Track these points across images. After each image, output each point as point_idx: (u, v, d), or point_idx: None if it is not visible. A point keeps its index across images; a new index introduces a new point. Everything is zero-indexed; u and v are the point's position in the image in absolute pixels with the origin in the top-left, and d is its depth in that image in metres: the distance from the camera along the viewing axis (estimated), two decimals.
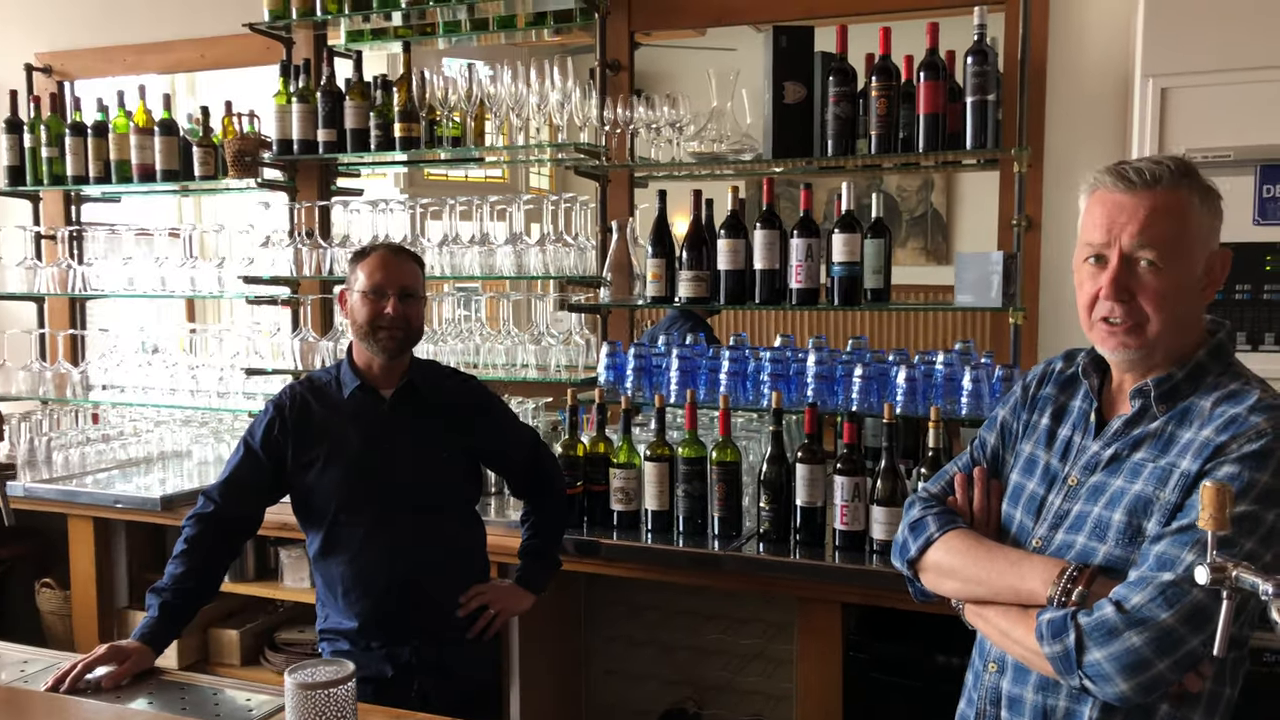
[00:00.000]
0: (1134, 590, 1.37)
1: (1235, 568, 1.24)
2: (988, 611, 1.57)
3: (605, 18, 3.26)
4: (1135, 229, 1.45)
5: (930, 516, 1.67)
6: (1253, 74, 2.29)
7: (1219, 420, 1.43)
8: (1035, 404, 1.70)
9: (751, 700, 3.07)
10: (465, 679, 2.40)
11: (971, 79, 2.64)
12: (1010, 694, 1.58)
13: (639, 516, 2.80)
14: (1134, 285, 1.46)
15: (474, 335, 3.31)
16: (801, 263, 2.76)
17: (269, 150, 3.54)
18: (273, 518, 2.49)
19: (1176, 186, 1.46)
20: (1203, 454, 1.41)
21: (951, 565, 1.62)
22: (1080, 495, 1.55)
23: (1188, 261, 1.46)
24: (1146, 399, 1.52)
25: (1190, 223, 1.46)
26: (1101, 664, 1.37)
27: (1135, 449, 1.51)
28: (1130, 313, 1.47)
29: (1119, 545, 1.46)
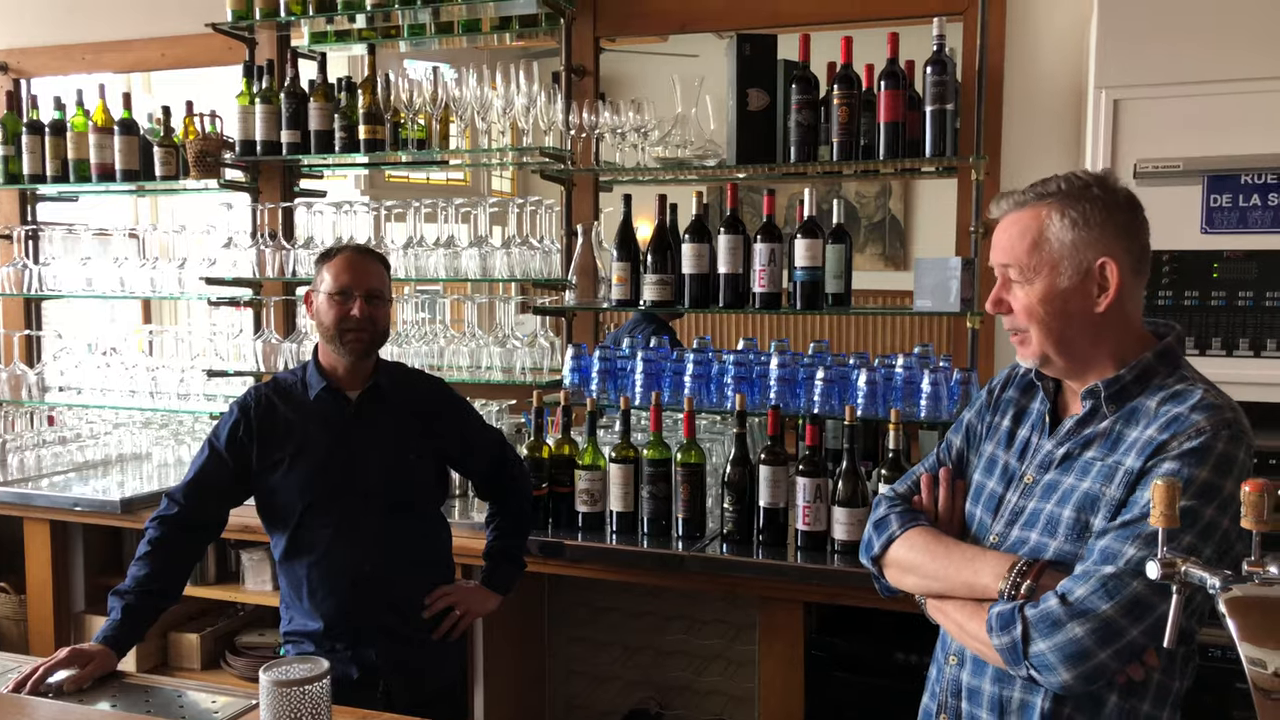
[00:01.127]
0: (1077, 583, 1.44)
1: (1185, 563, 1.29)
2: (947, 606, 1.63)
3: (570, 23, 3.28)
4: (1001, 249, 1.59)
5: (894, 514, 1.74)
6: (1200, 87, 2.36)
7: (1162, 419, 1.49)
8: (999, 406, 1.77)
9: (714, 700, 3.10)
10: (430, 680, 2.41)
11: (931, 88, 2.69)
12: (969, 686, 1.64)
13: (604, 518, 2.82)
14: (1009, 298, 1.58)
15: (438, 338, 3.31)
16: (764, 267, 2.80)
17: (231, 151, 3.52)
18: (234, 520, 2.47)
19: (1037, 205, 1.56)
20: (1145, 451, 1.47)
21: (912, 561, 1.68)
22: (1035, 493, 1.61)
23: (1051, 273, 1.54)
24: (1097, 399, 1.57)
25: (1047, 237, 1.54)
26: (1046, 654, 1.43)
27: (1086, 448, 1.57)
28: (1015, 324, 1.59)
29: (1068, 540, 1.52)
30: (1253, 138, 2.33)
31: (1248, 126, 2.33)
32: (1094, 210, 1.53)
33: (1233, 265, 2.37)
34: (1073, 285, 1.53)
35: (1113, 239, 1.53)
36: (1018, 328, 1.59)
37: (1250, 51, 2.32)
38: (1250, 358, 2.36)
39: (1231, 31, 2.33)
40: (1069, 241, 1.53)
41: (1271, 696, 1.08)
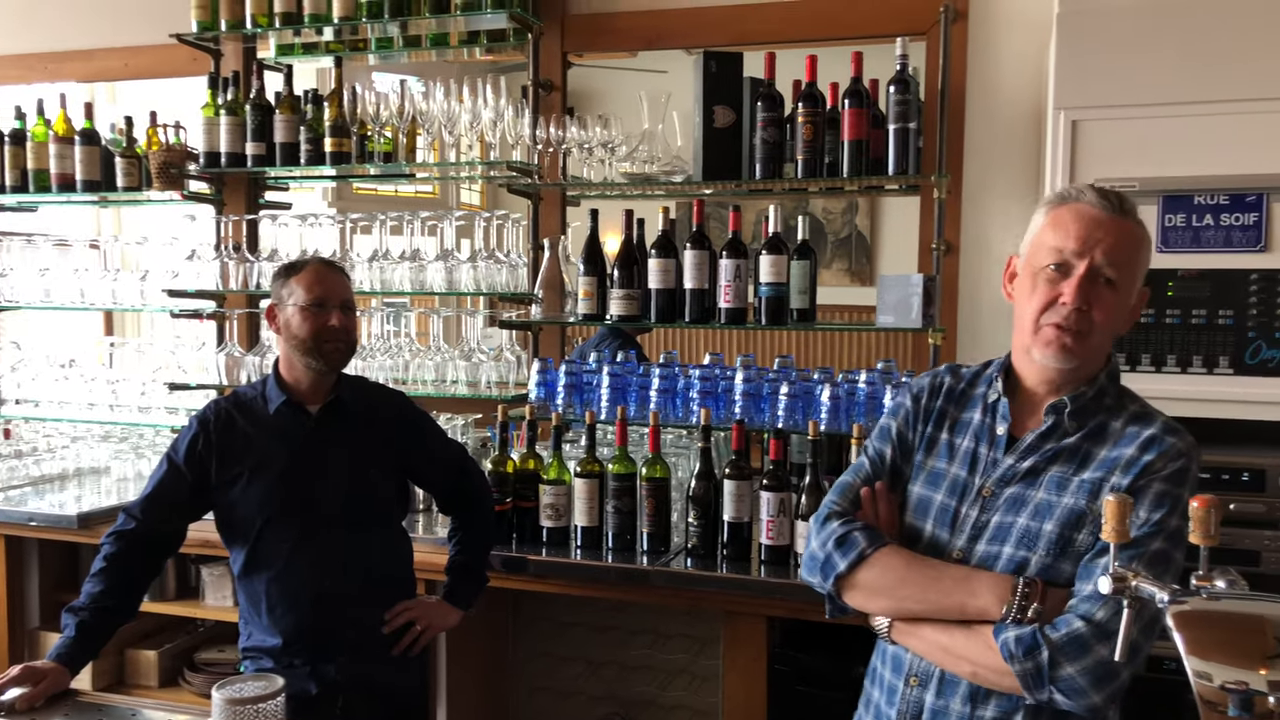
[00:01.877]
0: (1095, 605, 1.45)
1: (1135, 578, 1.31)
2: (923, 629, 1.60)
3: (538, 38, 3.30)
4: (1109, 245, 1.54)
5: (858, 532, 1.66)
6: (1156, 110, 2.40)
7: (1137, 441, 1.55)
8: (929, 417, 1.74)
9: (678, 715, 3.10)
10: (391, 696, 2.39)
11: (894, 107, 2.72)
12: (934, 707, 1.61)
13: (568, 533, 2.82)
14: (1093, 297, 1.54)
15: (403, 351, 3.30)
16: (730, 283, 2.81)
17: (196, 163, 3.49)
18: (194, 535, 2.45)
19: (1138, 221, 1.59)
20: (1132, 471, 1.52)
21: (887, 583, 1.62)
22: (998, 506, 1.60)
23: (1131, 288, 1.58)
24: (1060, 415, 1.59)
25: (1141, 255, 1.59)
26: (1075, 678, 1.44)
27: (1052, 462, 1.59)
28: (1081, 321, 1.54)
29: (1050, 555, 1.53)
30: (1206, 159, 2.37)
31: (1201, 148, 2.38)
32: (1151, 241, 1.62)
33: (1187, 284, 2.41)
34: (1132, 303, 1.60)
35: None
36: (1084, 329, 1.55)
37: (1204, 76, 2.36)
38: (1203, 374, 2.40)
39: (1186, 56, 2.38)
40: (1146, 263, 1.60)
41: (1217, 709, 1.10)
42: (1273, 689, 1.09)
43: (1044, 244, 1.59)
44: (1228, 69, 2.35)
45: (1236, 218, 2.37)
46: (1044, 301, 1.57)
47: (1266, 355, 2.37)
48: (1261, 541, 2.33)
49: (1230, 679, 1.10)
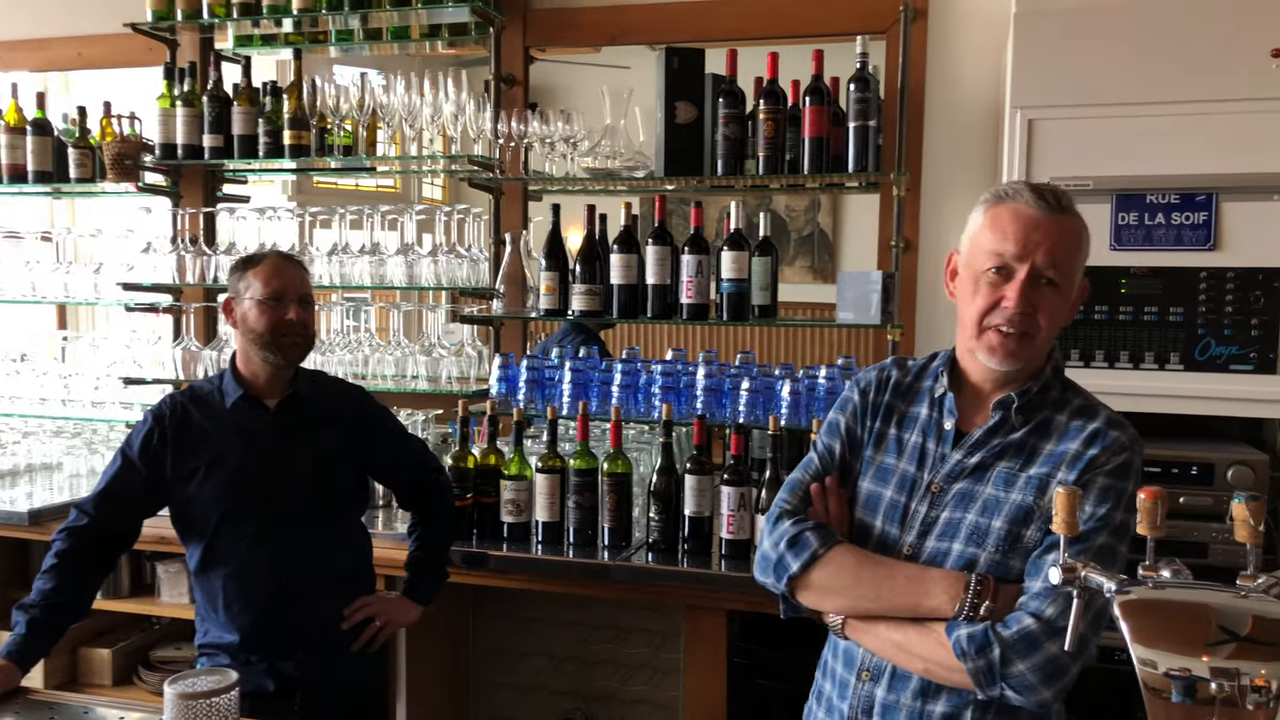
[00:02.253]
0: (1045, 602, 1.47)
1: (1084, 568, 1.33)
2: (877, 627, 1.61)
3: (500, 32, 3.28)
4: (1049, 247, 1.53)
5: (809, 533, 1.66)
6: (1110, 109, 2.44)
7: (1082, 435, 1.56)
8: (876, 411, 1.74)
9: (639, 709, 3.11)
10: (350, 693, 2.38)
11: (854, 105, 2.75)
12: (884, 701, 1.62)
13: (529, 528, 2.81)
14: (1036, 299, 1.54)
15: (363, 346, 3.27)
16: (692, 279, 2.82)
17: (151, 154, 3.45)
18: (149, 531, 2.42)
19: (1076, 216, 1.58)
20: (1078, 465, 1.54)
21: (841, 582, 1.63)
22: (946, 502, 1.61)
23: (1072, 285, 1.58)
24: (1007, 410, 1.60)
25: (1081, 251, 1.58)
26: (1026, 674, 1.46)
27: (999, 458, 1.60)
28: (1025, 323, 1.54)
29: (999, 551, 1.55)
30: (1158, 159, 2.42)
31: (1153, 148, 2.42)
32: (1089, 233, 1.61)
33: (1139, 281, 2.45)
34: (1074, 297, 1.60)
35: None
36: (1029, 330, 1.55)
37: (1157, 77, 2.41)
38: (1155, 371, 2.44)
39: (1140, 58, 2.42)
40: (1085, 256, 1.60)
41: (1161, 695, 1.12)
42: (1215, 675, 1.12)
43: (983, 246, 1.58)
44: (1180, 71, 2.39)
45: (1187, 217, 2.41)
46: (986, 304, 1.57)
47: (1215, 351, 2.42)
48: (1209, 534, 2.38)
49: (1174, 665, 1.13)
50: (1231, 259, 2.39)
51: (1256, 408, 2.42)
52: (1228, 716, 1.11)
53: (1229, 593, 1.19)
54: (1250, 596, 1.17)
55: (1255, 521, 1.22)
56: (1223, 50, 2.37)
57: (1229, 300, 2.39)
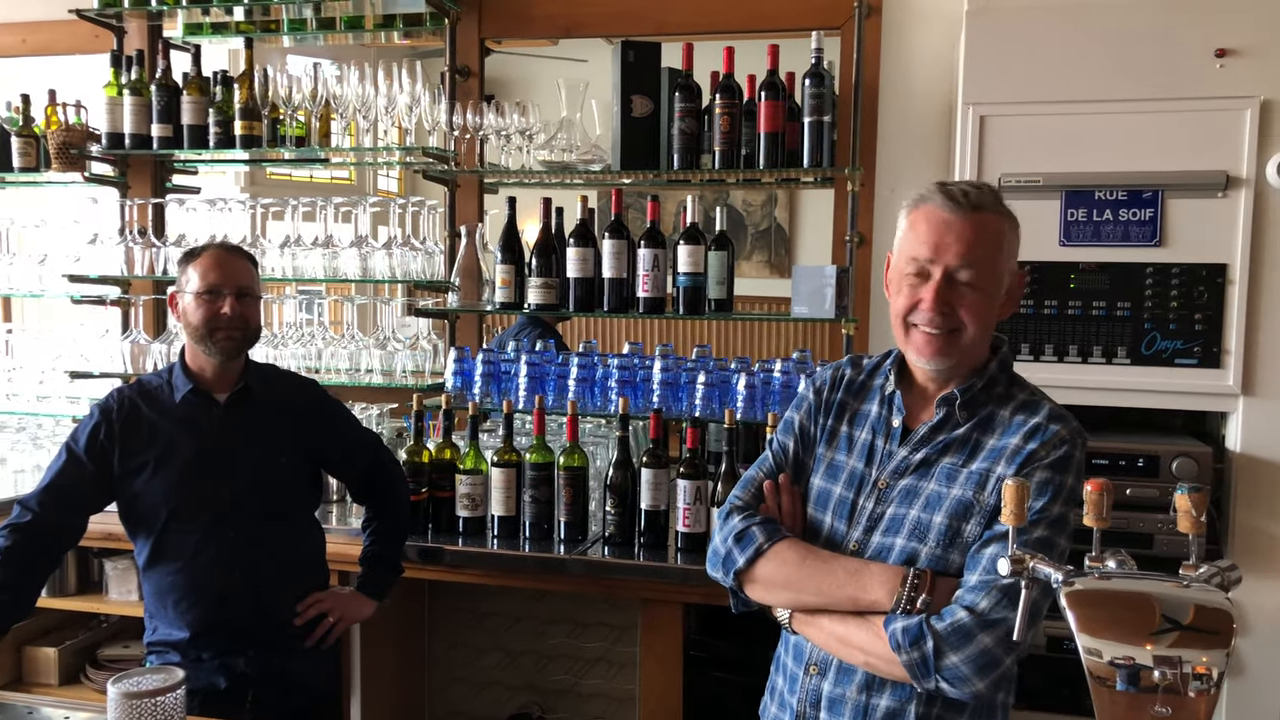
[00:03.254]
0: (979, 595, 1.49)
1: (1033, 559, 1.35)
2: (821, 620, 1.62)
3: (455, 24, 3.26)
4: (961, 249, 1.55)
5: (755, 527, 1.68)
6: (1059, 107, 2.48)
7: (1023, 429, 1.57)
8: (829, 409, 1.76)
9: (595, 703, 3.11)
10: (303, 689, 2.36)
11: (809, 100, 2.76)
12: (831, 695, 1.64)
13: (485, 522, 2.80)
14: (954, 299, 1.56)
15: (316, 339, 3.23)
16: (648, 272, 2.82)
17: (98, 143, 3.38)
18: (97, 527, 2.38)
19: (995, 212, 1.58)
20: (1016, 460, 1.55)
21: (785, 577, 1.64)
22: (892, 498, 1.63)
23: (997, 280, 1.59)
24: (950, 406, 1.62)
25: (1003, 246, 1.58)
26: (959, 666, 1.47)
27: (943, 454, 1.62)
28: (947, 324, 1.57)
29: (940, 546, 1.56)
30: (1105, 156, 2.46)
31: (1101, 145, 2.46)
32: (1017, 224, 1.63)
33: (1088, 276, 2.49)
34: (1002, 294, 1.61)
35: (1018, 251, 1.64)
36: (955, 328, 1.57)
37: (1104, 75, 2.45)
38: (1103, 364, 2.49)
39: (1088, 56, 2.46)
40: (1012, 253, 1.61)
41: (1106, 684, 1.14)
42: (1158, 663, 1.14)
43: (903, 249, 1.62)
44: (1127, 70, 2.43)
45: (1134, 213, 2.45)
46: (906, 305, 1.60)
47: (1161, 346, 2.46)
48: (1155, 525, 2.43)
49: (1118, 654, 1.15)
50: (1177, 255, 2.44)
51: (1200, 401, 2.48)
52: (1170, 704, 1.14)
53: (1172, 582, 1.21)
54: (1192, 586, 1.20)
55: (1197, 512, 1.25)
56: (1168, 50, 2.41)
57: (1174, 295, 2.44)
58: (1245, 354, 2.42)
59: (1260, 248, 2.41)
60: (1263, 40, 2.36)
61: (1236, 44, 2.37)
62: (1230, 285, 2.41)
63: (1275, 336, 2.41)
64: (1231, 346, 2.42)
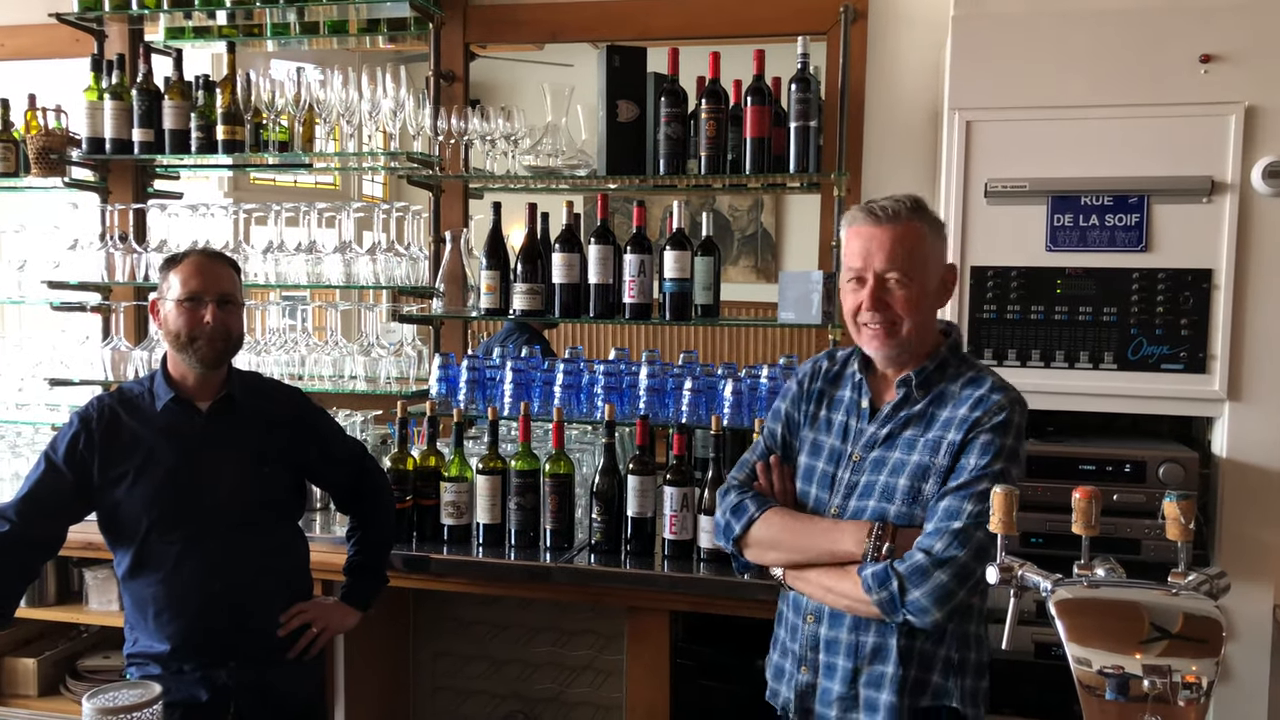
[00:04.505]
0: (934, 539, 1.73)
1: (1021, 567, 1.35)
2: (809, 574, 1.88)
3: (440, 28, 3.24)
4: (884, 255, 1.82)
5: (748, 499, 1.97)
6: (1046, 112, 2.48)
7: (969, 400, 1.82)
8: (810, 396, 2.02)
9: (581, 711, 3.09)
10: (287, 700, 2.33)
11: (795, 105, 2.75)
12: (826, 638, 1.89)
13: (470, 530, 2.78)
14: (887, 298, 1.82)
15: (299, 346, 3.21)
16: (634, 278, 2.81)
17: (78, 148, 3.34)
18: (77, 537, 2.35)
19: (911, 219, 1.83)
20: (963, 427, 1.79)
21: (773, 538, 1.92)
22: (865, 468, 1.88)
23: (924, 276, 1.84)
24: (909, 387, 1.88)
25: (922, 246, 1.84)
26: (920, 599, 1.71)
27: (905, 427, 1.87)
28: (886, 319, 1.83)
29: (905, 504, 1.81)
30: (1091, 161, 2.45)
31: (1087, 151, 2.46)
32: (940, 227, 1.91)
33: (1074, 282, 2.49)
34: (935, 288, 1.87)
35: (946, 251, 1.93)
36: (893, 320, 1.82)
37: (1090, 81, 2.44)
38: (1090, 370, 2.48)
39: (1074, 62, 2.45)
40: (935, 252, 1.87)
41: (1095, 692, 1.13)
42: (1147, 672, 1.13)
43: (844, 261, 1.90)
44: (1113, 76, 2.43)
45: (1120, 218, 2.45)
46: (852, 307, 1.87)
47: (1148, 351, 2.46)
48: (1142, 530, 2.42)
49: (1108, 663, 1.14)
50: (1162, 260, 2.44)
51: (1186, 406, 2.47)
52: (1160, 712, 1.13)
53: (1160, 590, 1.20)
54: (1181, 594, 1.19)
55: (1186, 519, 1.24)
56: (1154, 56, 2.41)
57: (1160, 301, 2.44)
58: (1231, 359, 2.42)
59: (1245, 253, 2.41)
60: (1247, 46, 2.36)
61: (1221, 50, 2.37)
62: (1216, 290, 2.41)
63: (1261, 341, 2.42)
64: (1217, 352, 2.42)
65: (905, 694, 1.80)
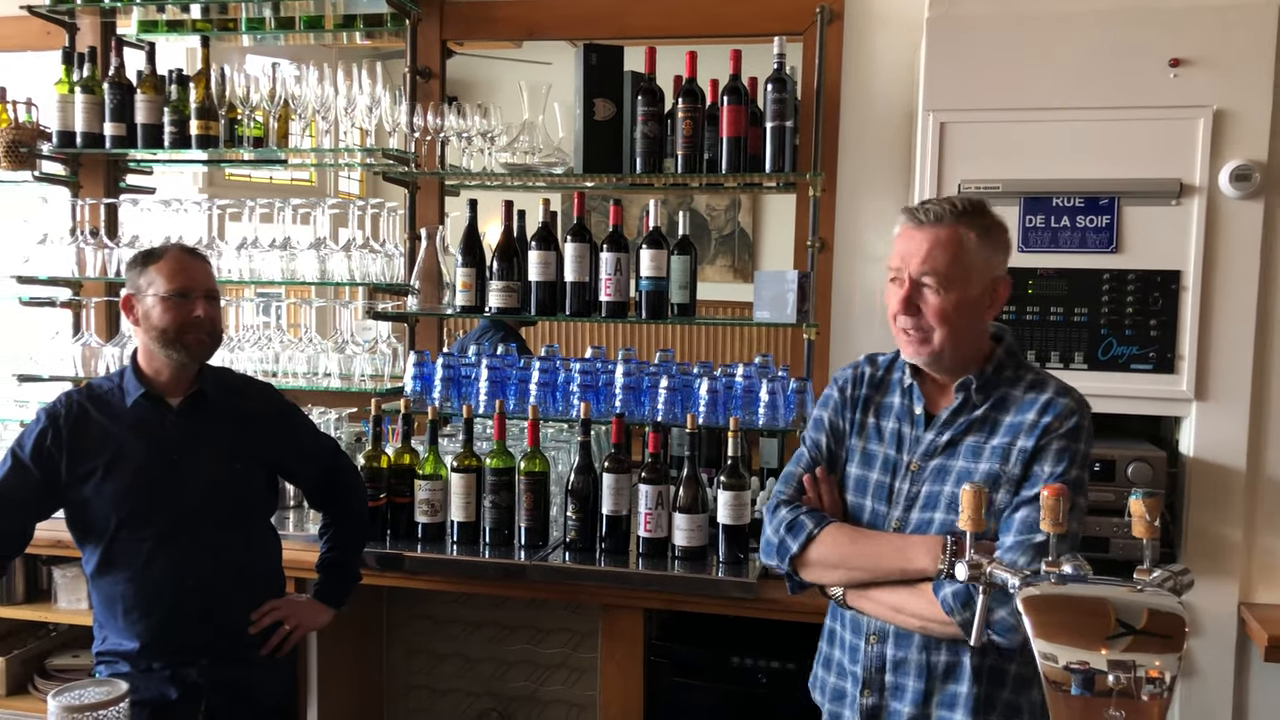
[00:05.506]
0: (1016, 553, 1.65)
1: (989, 564, 1.36)
2: (874, 593, 1.79)
3: (416, 25, 3.23)
4: (920, 258, 1.74)
5: (804, 516, 1.86)
6: (1018, 114, 2.50)
7: (1037, 405, 1.75)
8: (855, 404, 1.93)
9: (556, 709, 3.09)
10: (258, 698, 2.32)
11: (771, 105, 2.76)
12: (895, 658, 1.80)
13: (445, 528, 2.77)
14: (920, 303, 1.75)
15: (273, 342, 3.19)
16: (611, 276, 2.81)
17: (49, 142, 3.31)
18: (45, 535, 2.33)
19: (955, 223, 1.74)
20: (1035, 433, 1.72)
21: (837, 556, 1.82)
22: (925, 478, 1.80)
23: (963, 284, 1.74)
24: (968, 391, 1.80)
25: (961, 253, 1.74)
26: (1006, 618, 1.62)
27: (966, 433, 1.79)
28: (919, 325, 1.76)
29: None
30: (1063, 163, 2.48)
31: (1059, 152, 2.48)
32: (995, 233, 1.78)
33: (1046, 282, 2.51)
34: (977, 296, 1.76)
35: (1003, 259, 1.80)
36: (922, 328, 1.75)
37: (1062, 83, 2.47)
38: (1060, 369, 2.50)
39: (1046, 65, 2.48)
40: (981, 259, 1.75)
41: (1062, 688, 1.15)
42: (1112, 667, 1.15)
43: (889, 262, 1.82)
44: (1084, 78, 2.46)
45: (1091, 220, 2.48)
46: (891, 309, 1.80)
47: (1117, 351, 2.49)
48: (1111, 529, 2.45)
49: (1074, 659, 1.15)
50: (1132, 261, 2.47)
51: (1155, 405, 2.51)
52: (1124, 707, 1.14)
53: (1125, 587, 1.22)
54: (1145, 591, 1.20)
55: (1151, 517, 1.26)
56: (1124, 60, 2.44)
57: (1130, 301, 2.47)
58: (1198, 359, 2.45)
59: (1213, 254, 2.44)
60: (1216, 51, 2.39)
61: (1190, 54, 2.40)
62: (1184, 291, 2.44)
63: (1227, 342, 2.45)
64: (1185, 352, 2.45)
65: (979, 712, 1.73)
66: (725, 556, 2.56)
